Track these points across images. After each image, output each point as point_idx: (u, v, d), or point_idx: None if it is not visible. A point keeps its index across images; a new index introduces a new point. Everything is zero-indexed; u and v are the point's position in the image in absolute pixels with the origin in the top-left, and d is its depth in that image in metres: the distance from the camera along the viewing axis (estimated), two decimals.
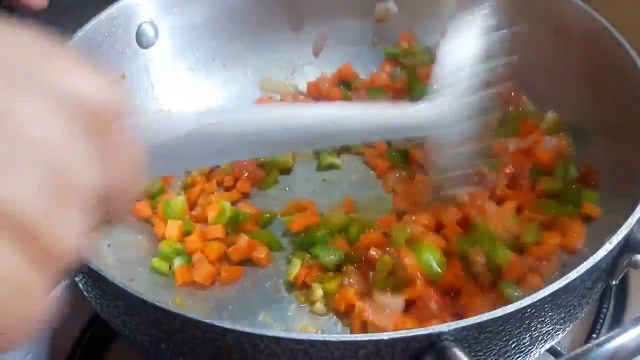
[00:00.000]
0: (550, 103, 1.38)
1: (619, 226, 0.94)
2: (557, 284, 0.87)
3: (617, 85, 1.21)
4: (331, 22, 1.54)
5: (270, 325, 1.13)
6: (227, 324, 0.83)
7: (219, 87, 1.50)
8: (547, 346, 1.01)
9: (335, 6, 1.52)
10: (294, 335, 0.83)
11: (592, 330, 1.25)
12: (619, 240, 0.92)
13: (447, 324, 0.82)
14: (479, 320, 0.83)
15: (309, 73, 1.55)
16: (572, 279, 0.87)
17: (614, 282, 1.02)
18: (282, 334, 0.83)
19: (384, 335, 0.82)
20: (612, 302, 1.30)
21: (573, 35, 1.31)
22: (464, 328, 0.83)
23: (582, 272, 0.88)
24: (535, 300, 0.85)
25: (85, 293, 1.03)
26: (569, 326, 1.00)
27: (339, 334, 1.09)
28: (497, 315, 0.84)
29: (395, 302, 1.08)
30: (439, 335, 0.82)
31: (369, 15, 1.53)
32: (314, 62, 1.56)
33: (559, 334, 0.99)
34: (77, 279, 1.02)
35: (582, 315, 1.03)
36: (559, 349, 1.15)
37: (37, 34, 0.51)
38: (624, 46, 1.19)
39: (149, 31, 1.38)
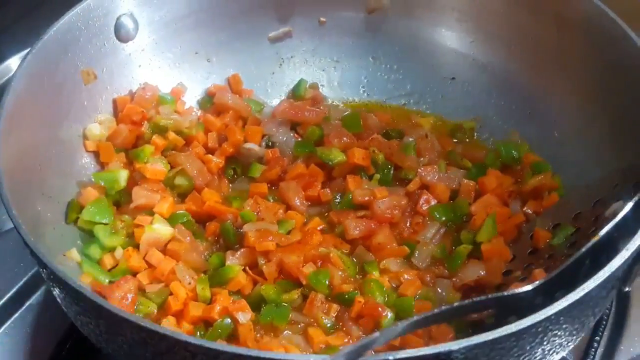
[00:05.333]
0: (553, 93, 1.34)
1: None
2: (574, 295, 0.82)
3: (623, 75, 1.17)
4: (321, 13, 1.47)
5: None
6: (222, 346, 0.77)
7: (202, 82, 1.43)
8: (557, 357, 0.96)
9: None
10: (291, 356, 0.79)
11: (595, 333, 1.20)
12: (636, 247, 0.87)
13: (457, 342, 0.77)
14: (491, 337, 0.78)
15: (297, 65, 1.50)
16: (590, 289, 0.83)
17: (627, 289, 0.97)
18: (278, 355, 0.78)
19: (390, 356, 0.77)
20: (614, 303, 1.25)
21: (576, 25, 1.26)
22: (476, 346, 0.77)
23: (599, 281, 0.83)
24: (550, 313, 0.80)
25: (64, 309, 0.96)
26: (580, 336, 0.95)
27: None
28: (510, 331, 0.78)
29: None
30: (448, 354, 0.77)
31: (360, 6, 1.47)
32: (302, 54, 1.49)
33: (570, 344, 0.94)
34: (55, 292, 0.96)
35: (594, 323, 0.99)
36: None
37: None
38: (629, 36, 1.15)
39: (128, 24, 1.31)
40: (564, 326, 0.85)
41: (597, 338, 1.19)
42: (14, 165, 1.02)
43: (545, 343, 0.86)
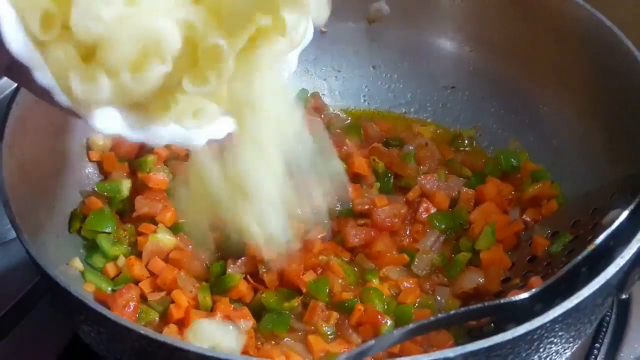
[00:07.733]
0: (552, 102, 1.35)
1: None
2: (569, 303, 0.82)
3: (619, 85, 1.18)
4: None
5: None
6: (221, 354, 0.78)
7: None
8: None
9: None
10: None
11: (595, 339, 1.21)
12: (630, 255, 0.88)
13: (452, 349, 0.78)
14: (486, 345, 0.79)
15: (298, 75, 1.50)
16: (584, 297, 0.83)
17: (624, 296, 0.97)
18: None
19: None
20: (614, 310, 1.25)
21: (574, 35, 1.27)
22: (471, 353, 0.78)
23: (593, 289, 0.84)
24: (545, 321, 0.81)
25: (66, 317, 0.97)
26: (578, 343, 0.96)
27: None
28: (506, 339, 0.79)
29: None
30: None
31: (361, 16, 1.48)
32: (303, 64, 1.50)
33: (567, 352, 0.95)
34: (56, 301, 0.97)
35: (591, 330, 0.99)
36: None
37: None
38: (626, 44, 1.16)
39: None
40: (559, 334, 0.86)
41: (597, 345, 1.19)
42: (17, 176, 1.03)
43: (541, 350, 0.86)
